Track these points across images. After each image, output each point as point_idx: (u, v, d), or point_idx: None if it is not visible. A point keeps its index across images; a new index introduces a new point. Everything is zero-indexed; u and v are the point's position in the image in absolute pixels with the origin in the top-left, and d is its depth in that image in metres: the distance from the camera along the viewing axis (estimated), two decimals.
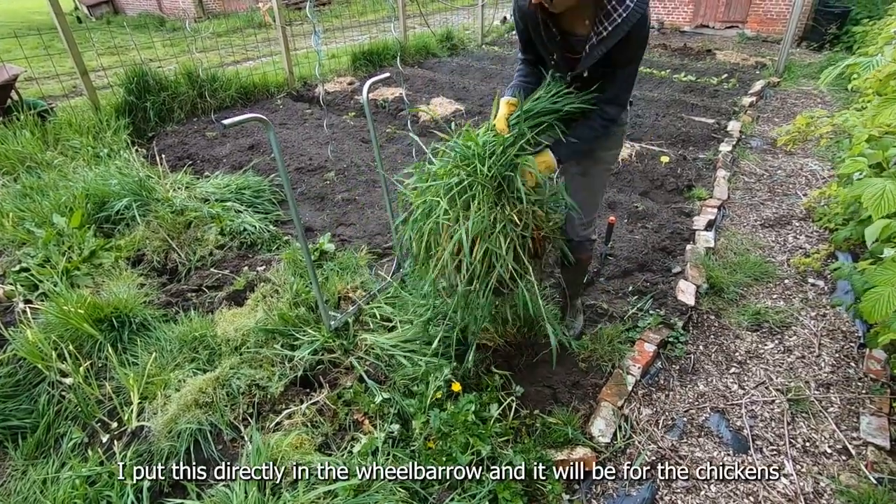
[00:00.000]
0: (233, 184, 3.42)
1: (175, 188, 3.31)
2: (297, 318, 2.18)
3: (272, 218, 3.27)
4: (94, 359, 2.08)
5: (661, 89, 6.23)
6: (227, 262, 2.76)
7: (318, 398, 1.87)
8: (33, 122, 4.10)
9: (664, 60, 7.81)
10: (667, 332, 2.33)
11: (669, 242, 3.02)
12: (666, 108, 5.44)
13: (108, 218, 2.98)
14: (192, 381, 1.90)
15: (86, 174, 3.33)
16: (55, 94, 6.01)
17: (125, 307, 2.23)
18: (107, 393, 1.94)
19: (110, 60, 7.93)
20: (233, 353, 2.06)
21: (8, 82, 4.26)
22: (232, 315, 2.27)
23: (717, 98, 5.84)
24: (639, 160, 4.00)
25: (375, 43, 7.16)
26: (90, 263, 2.62)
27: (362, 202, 3.49)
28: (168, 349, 2.10)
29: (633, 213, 3.35)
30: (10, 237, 2.78)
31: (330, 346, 2.09)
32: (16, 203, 3.06)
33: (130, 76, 4.69)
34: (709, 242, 3.00)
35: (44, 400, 1.96)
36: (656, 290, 2.59)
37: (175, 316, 2.32)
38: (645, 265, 2.83)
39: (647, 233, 3.13)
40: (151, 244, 2.79)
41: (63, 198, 3.03)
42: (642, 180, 3.82)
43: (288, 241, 2.98)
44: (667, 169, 3.88)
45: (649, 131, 4.69)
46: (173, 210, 2.98)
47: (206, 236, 2.89)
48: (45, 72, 7.06)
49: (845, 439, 1.87)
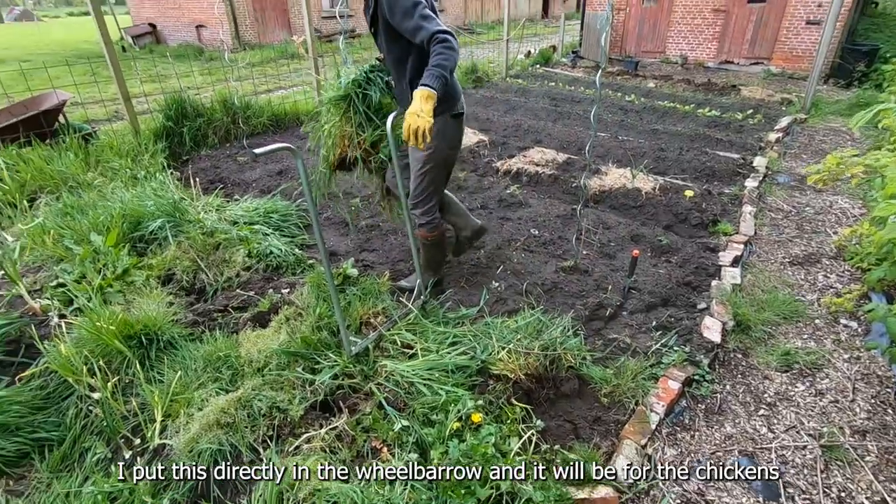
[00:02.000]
0: (261, 207, 3.52)
1: (206, 210, 3.42)
2: (318, 342, 2.20)
3: (298, 242, 3.34)
4: (122, 375, 2.13)
5: (685, 123, 6.24)
6: (253, 283, 2.82)
7: (338, 423, 1.87)
8: (77, 144, 4.31)
9: (688, 95, 7.85)
10: (692, 369, 2.28)
11: (694, 278, 2.97)
12: (690, 142, 5.44)
13: (142, 237, 3.08)
14: (214, 400, 1.93)
15: (123, 195, 3.47)
16: (99, 119, 6.33)
17: (154, 325, 2.28)
18: (132, 409, 1.97)
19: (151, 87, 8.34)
20: (255, 374, 2.09)
21: (56, 107, 4.52)
22: (256, 336, 2.31)
23: (743, 133, 5.82)
24: (662, 194, 3.99)
25: None
26: (123, 281, 2.71)
27: (386, 229, 3.55)
28: (193, 368, 2.13)
29: (656, 246, 3.33)
30: (50, 253, 2.90)
31: (350, 372, 2.10)
32: (57, 221, 3.20)
33: (170, 103, 4.93)
34: (735, 279, 2.95)
35: (72, 413, 2.01)
36: (681, 325, 2.55)
37: (201, 335, 2.37)
38: (669, 300, 2.79)
39: (671, 267, 3.09)
40: (181, 264, 2.87)
41: (101, 217, 3.15)
42: (666, 214, 3.80)
43: (312, 264, 3.04)
44: (691, 203, 3.86)
45: (673, 165, 4.69)
46: (204, 231, 3.07)
47: (234, 258, 2.96)
48: (90, 97, 7.46)
49: (884, 491, 1.77)
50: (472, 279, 2.95)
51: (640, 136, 5.74)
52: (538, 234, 3.48)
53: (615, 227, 3.56)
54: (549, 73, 10.08)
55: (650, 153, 4.91)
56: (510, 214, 3.80)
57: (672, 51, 11.39)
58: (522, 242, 3.35)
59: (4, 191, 3.58)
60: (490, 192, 4.17)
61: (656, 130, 5.88)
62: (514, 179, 4.53)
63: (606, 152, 5.00)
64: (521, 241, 3.36)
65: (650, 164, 4.66)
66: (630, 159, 4.76)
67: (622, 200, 4.03)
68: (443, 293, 2.78)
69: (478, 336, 2.26)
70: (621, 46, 12.08)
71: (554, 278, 2.90)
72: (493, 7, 22.43)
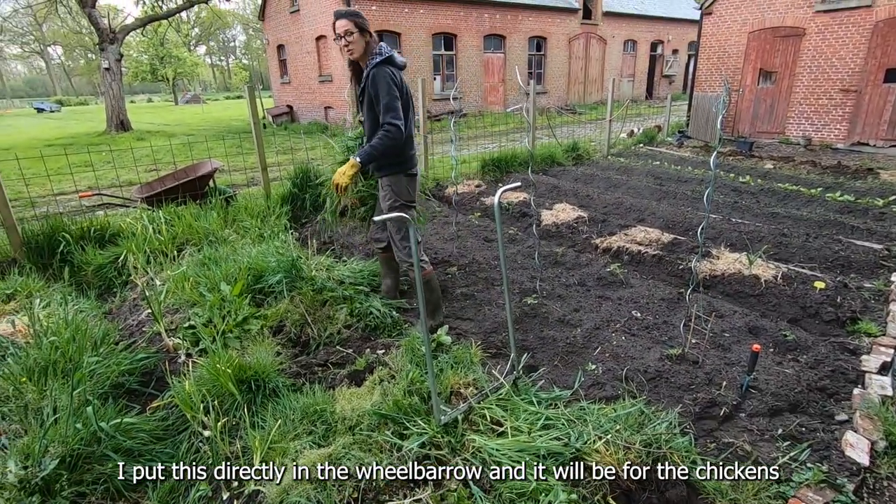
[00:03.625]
0: (365, 269, 3.75)
1: (318, 269, 3.71)
2: (409, 407, 2.21)
3: (395, 304, 3.47)
4: (231, 416, 2.29)
5: (811, 208, 5.72)
6: (352, 341, 2.96)
7: (422, 496, 1.82)
8: (220, 205, 5.00)
9: (813, 178, 7.25)
10: (832, 494, 1.92)
11: (830, 382, 2.58)
12: (818, 228, 4.94)
13: (262, 289, 3.40)
14: (307, 453, 1.99)
15: (250, 250, 3.90)
16: (238, 183, 7.33)
17: (263, 372, 2.46)
18: (235, 451, 2.10)
19: (283, 158, 9.53)
20: (347, 431, 2.13)
21: (209, 173, 5.32)
22: (350, 394, 2.38)
23: (885, 221, 5.17)
24: (786, 283, 3.61)
25: (504, 151, 7.72)
26: (241, 328, 2.99)
27: (480, 298, 3.58)
28: (291, 418, 2.24)
29: (780, 342, 2.97)
30: (187, 297, 3.30)
31: (438, 442, 2.06)
32: (196, 270, 3.66)
33: (297, 172, 5.58)
34: (885, 389, 2.51)
35: (184, 448, 2.18)
36: (814, 438, 2.19)
37: (301, 387, 2.50)
38: (798, 406, 2.43)
39: (799, 367, 2.72)
40: (292, 317, 3.11)
41: (231, 269, 3.55)
42: (791, 306, 3.41)
43: (408, 328, 3.12)
44: (822, 296, 3.43)
45: (798, 252, 4.26)
46: (314, 288, 3.32)
47: (337, 315, 3.15)
48: (234, 165, 8.71)
49: None
50: (566, 358, 2.83)
51: (756, 219, 5.34)
52: (640, 316, 3.28)
53: (729, 316, 3.25)
54: (652, 152, 9.93)
55: (769, 238, 4.53)
56: (609, 294, 3.65)
57: (793, 131, 10.73)
58: (623, 324, 3.18)
59: (160, 241, 4.21)
60: (588, 269, 4.07)
61: (776, 214, 5.44)
62: (615, 257, 4.39)
63: (718, 235, 4.70)
64: (621, 322, 3.20)
65: (770, 250, 4.28)
66: (746, 243, 4.42)
67: (737, 287, 3.70)
68: (535, 370, 2.69)
69: (572, 421, 2.13)
70: (734, 127, 11.64)
71: (658, 366, 2.69)
72: (596, 89, 23.01)
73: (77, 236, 4.28)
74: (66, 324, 2.81)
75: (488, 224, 5.33)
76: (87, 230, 4.39)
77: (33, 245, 4.18)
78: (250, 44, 74.77)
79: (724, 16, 11.43)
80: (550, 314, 3.31)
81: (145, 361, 2.73)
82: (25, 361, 2.49)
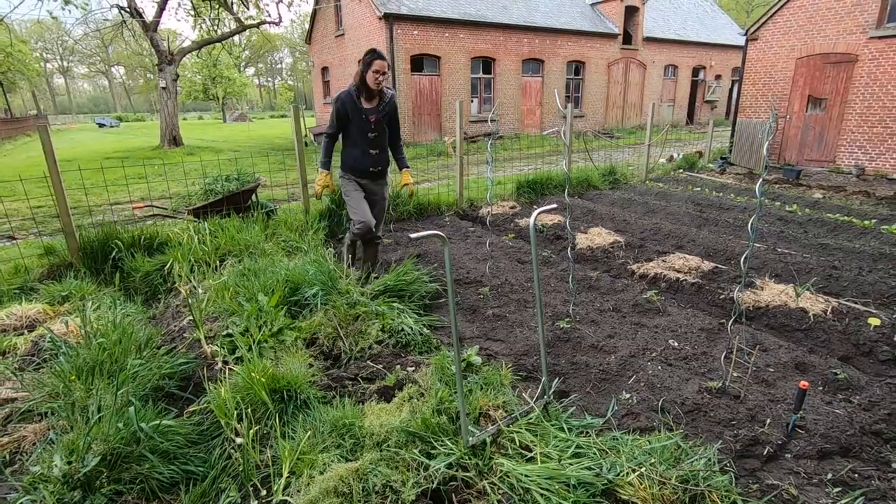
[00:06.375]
0: (398, 284, 3.78)
1: (352, 284, 3.77)
2: (437, 426, 2.20)
3: (426, 321, 3.49)
4: (262, 425, 2.33)
5: (865, 240, 5.44)
6: (383, 357, 2.97)
7: None
8: (261, 218, 5.17)
9: (867, 209, 6.91)
10: None
11: (886, 427, 2.41)
12: (873, 262, 4.68)
13: (297, 301, 3.49)
14: (335, 467, 1.99)
15: (288, 263, 4.01)
16: (279, 198, 7.57)
17: (295, 383, 2.50)
18: (265, 460, 2.13)
19: None
20: (374, 447, 2.14)
21: (252, 188, 5.53)
22: (379, 409, 2.39)
23: None
24: (836, 318, 3.42)
25: (539, 173, 7.71)
26: (276, 338, 3.06)
27: (512, 320, 3.54)
28: (320, 430, 2.26)
29: (830, 380, 2.81)
30: (227, 306, 3.41)
31: (465, 464, 2.04)
32: (236, 280, 3.79)
33: (335, 188, 5.72)
34: None
35: (216, 453, 2.23)
36: (868, 486, 2.05)
37: (331, 400, 2.52)
38: (850, 450, 2.28)
39: (851, 409, 2.56)
40: (325, 330, 3.16)
41: (269, 280, 3.66)
42: (842, 343, 3.23)
43: (438, 346, 3.12)
44: (877, 334, 3.23)
45: (850, 286, 4.04)
46: (348, 303, 3.37)
47: (369, 330, 3.18)
48: (276, 181, 9.01)
49: None
50: (599, 385, 2.76)
51: (804, 249, 5.11)
52: (678, 346, 3.18)
53: (773, 350, 3.10)
54: (693, 178, 9.70)
55: (818, 270, 4.32)
56: (645, 321, 3.55)
57: (844, 160, 10.29)
58: (659, 353, 3.08)
59: (204, 251, 4.38)
60: (623, 295, 3.98)
61: (825, 245, 5.19)
62: (651, 284, 4.28)
63: (763, 264, 4.52)
64: (657, 351, 3.10)
65: (819, 283, 4.08)
66: (792, 274, 4.23)
67: (782, 320, 3.53)
68: (567, 396, 2.63)
69: (604, 451, 2.07)
70: (780, 154, 11.27)
71: (696, 399, 2.58)
72: (635, 114, 22.78)
73: (128, 244, 4.51)
74: (113, 327, 2.95)
75: (522, 245, 5.30)
76: (137, 238, 4.62)
77: (88, 251, 4.43)
78: (296, 65, 78.26)
79: (771, 41, 11.18)
80: (584, 339, 3.24)
81: (185, 366, 2.82)
82: (75, 361, 2.62)
